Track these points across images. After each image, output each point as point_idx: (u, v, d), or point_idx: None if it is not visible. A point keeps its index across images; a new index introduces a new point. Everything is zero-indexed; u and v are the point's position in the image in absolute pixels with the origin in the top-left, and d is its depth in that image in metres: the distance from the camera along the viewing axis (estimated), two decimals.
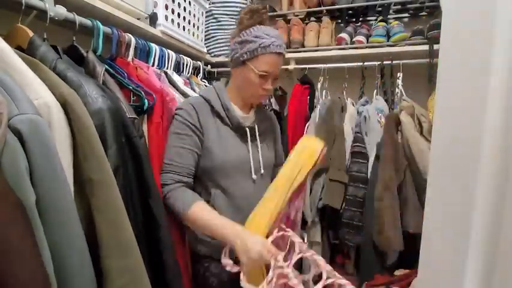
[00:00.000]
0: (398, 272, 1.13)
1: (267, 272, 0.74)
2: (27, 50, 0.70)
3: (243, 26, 0.94)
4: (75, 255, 0.54)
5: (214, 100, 0.97)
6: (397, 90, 1.43)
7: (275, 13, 1.79)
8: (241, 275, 0.77)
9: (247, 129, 0.98)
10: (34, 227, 0.46)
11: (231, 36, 0.99)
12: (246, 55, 0.91)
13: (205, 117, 0.95)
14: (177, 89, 1.18)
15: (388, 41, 1.49)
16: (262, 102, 1.02)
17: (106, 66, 0.85)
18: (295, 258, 0.78)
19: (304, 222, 1.31)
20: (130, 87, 0.89)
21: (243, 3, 1.75)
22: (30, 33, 0.72)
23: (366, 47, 1.53)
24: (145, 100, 0.88)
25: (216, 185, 0.94)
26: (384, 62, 1.47)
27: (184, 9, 1.38)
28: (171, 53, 1.25)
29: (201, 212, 0.85)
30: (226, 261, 0.83)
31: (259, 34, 0.90)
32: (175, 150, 0.91)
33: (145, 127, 0.90)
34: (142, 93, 0.88)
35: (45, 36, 0.77)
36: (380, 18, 1.62)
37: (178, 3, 1.33)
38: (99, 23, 0.90)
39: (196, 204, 0.86)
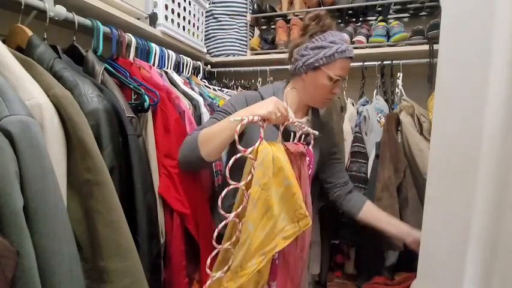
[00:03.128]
0: (398, 277, 1.13)
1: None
2: (25, 50, 0.69)
3: (311, 32, 0.93)
4: (64, 261, 0.52)
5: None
6: (397, 90, 1.43)
7: (275, 13, 1.79)
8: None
9: (291, 132, 0.94)
10: (20, 232, 0.45)
11: (293, 44, 0.97)
12: (322, 60, 0.90)
13: None
14: (177, 88, 1.18)
15: (388, 41, 1.49)
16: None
17: (106, 65, 0.85)
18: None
19: None
20: (131, 86, 0.89)
21: (243, 3, 1.75)
22: (29, 33, 0.71)
23: (366, 47, 1.52)
24: (146, 98, 0.87)
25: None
26: (384, 62, 1.46)
27: (184, 9, 1.39)
28: (171, 52, 1.25)
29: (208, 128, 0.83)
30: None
31: (334, 39, 0.90)
32: (208, 121, 0.91)
33: (150, 125, 0.90)
34: (143, 91, 0.88)
35: (44, 36, 0.77)
36: (380, 18, 1.62)
37: (178, 3, 1.33)
38: (99, 23, 0.91)
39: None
